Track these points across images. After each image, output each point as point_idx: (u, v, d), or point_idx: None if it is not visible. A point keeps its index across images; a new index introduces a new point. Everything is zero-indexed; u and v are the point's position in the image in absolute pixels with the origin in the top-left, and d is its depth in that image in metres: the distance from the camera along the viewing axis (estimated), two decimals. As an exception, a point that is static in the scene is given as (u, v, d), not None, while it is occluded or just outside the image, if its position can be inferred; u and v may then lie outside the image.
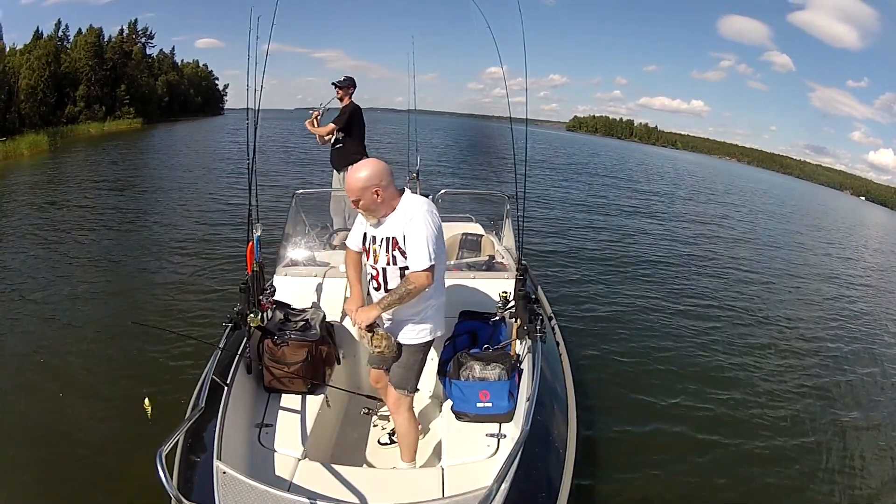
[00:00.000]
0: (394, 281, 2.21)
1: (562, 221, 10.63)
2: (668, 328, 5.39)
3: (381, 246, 2.21)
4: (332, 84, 4.73)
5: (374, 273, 2.26)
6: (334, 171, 4.87)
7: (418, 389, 2.41)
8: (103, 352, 4.13)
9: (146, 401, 1.99)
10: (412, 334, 2.29)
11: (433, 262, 2.11)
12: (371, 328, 2.21)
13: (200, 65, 52.91)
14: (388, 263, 2.20)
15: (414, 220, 2.13)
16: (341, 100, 4.73)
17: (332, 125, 4.69)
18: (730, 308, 6.33)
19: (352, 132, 4.73)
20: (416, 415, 2.69)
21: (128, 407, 3.16)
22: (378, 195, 2.13)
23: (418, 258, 2.11)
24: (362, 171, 2.13)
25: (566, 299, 5.82)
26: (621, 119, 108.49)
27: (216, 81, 55.12)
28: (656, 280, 7.16)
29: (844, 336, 6.00)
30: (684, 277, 7.47)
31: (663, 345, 4.94)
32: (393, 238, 2.18)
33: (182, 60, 49.06)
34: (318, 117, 4.75)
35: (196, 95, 48.91)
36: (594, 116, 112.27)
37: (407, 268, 2.17)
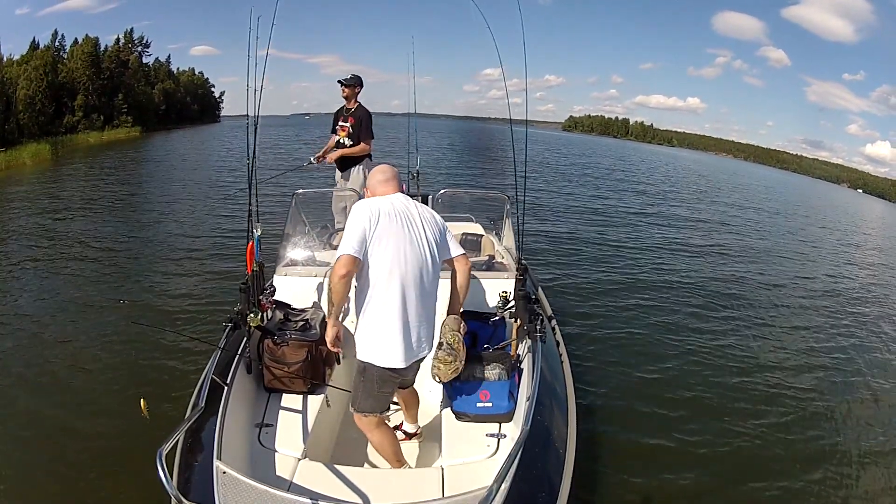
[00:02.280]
0: None
1: (562, 221, 10.63)
2: (670, 327, 5.36)
3: None
4: (339, 82, 4.50)
5: None
6: (337, 171, 4.76)
7: (386, 410, 2.28)
8: (103, 352, 4.13)
9: (142, 402, 1.99)
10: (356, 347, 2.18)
11: (346, 252, 2.03)
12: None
13: (196, 72, 53.21)
14: None
15: None
16: (347, 99, 4.52)
17: (363, 145, 4.52)
18: (732, 307, 6.31)
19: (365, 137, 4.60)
20: (417, 415, 2.70)
21: (128, 407, 3.17)
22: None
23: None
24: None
25: (566, 299, 5.81)
26: (617, 118, 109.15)
27: (212, 89, 55.41)
28: (657, 279, 7.13)
29: (852, 335, 5.90)
30: (685, 276, 7.44)
31: (665, 344, 4.92)
32: None
33: (178, 69, 49.37)
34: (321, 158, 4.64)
35: (192, 103, 49.00)
36: (590, 116, 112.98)
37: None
